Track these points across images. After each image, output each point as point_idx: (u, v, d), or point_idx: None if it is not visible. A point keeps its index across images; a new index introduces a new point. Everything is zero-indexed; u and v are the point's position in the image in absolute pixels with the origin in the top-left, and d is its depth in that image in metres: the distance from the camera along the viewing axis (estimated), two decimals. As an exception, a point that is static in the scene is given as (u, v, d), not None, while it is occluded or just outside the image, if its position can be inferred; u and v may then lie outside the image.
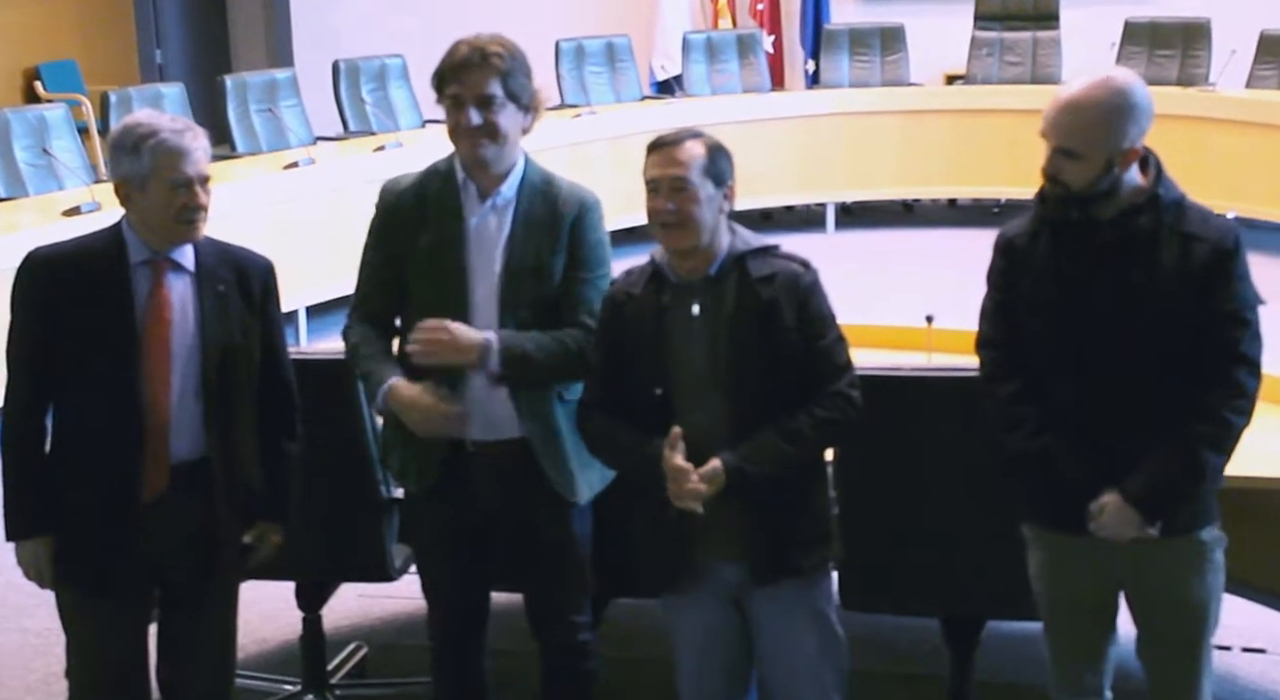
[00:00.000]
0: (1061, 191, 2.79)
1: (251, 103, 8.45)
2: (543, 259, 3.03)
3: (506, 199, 3.04)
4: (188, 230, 2.91)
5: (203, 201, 2.90)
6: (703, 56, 10.15)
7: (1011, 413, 2.86)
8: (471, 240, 3.03)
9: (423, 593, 3.28)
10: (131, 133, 2.89)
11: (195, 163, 2.88)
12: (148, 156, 2.86)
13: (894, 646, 4.09)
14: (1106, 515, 2.79)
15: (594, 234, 3.09)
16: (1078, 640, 2.99)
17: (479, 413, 3.03)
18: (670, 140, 2.89)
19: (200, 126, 2.95)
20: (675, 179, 2.85)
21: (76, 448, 2.94)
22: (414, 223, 3.06)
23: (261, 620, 4.14)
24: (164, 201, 2.88)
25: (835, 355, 2.90)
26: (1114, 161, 2.74)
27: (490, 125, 2.97)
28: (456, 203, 3.05)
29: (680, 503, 2.83)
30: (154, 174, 2.87)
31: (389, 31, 10.80)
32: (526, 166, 3.08)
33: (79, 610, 3.01)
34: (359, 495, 3.58)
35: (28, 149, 7.17)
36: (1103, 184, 2.76)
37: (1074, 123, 2.75)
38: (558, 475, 3.07)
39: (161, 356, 2.90)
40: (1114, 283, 2.76)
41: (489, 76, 2.95)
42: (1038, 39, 10.13)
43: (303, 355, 3.22)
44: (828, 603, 3.02)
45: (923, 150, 9.75)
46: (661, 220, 2.86)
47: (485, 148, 2.99)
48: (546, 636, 3.24)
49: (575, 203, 3.07)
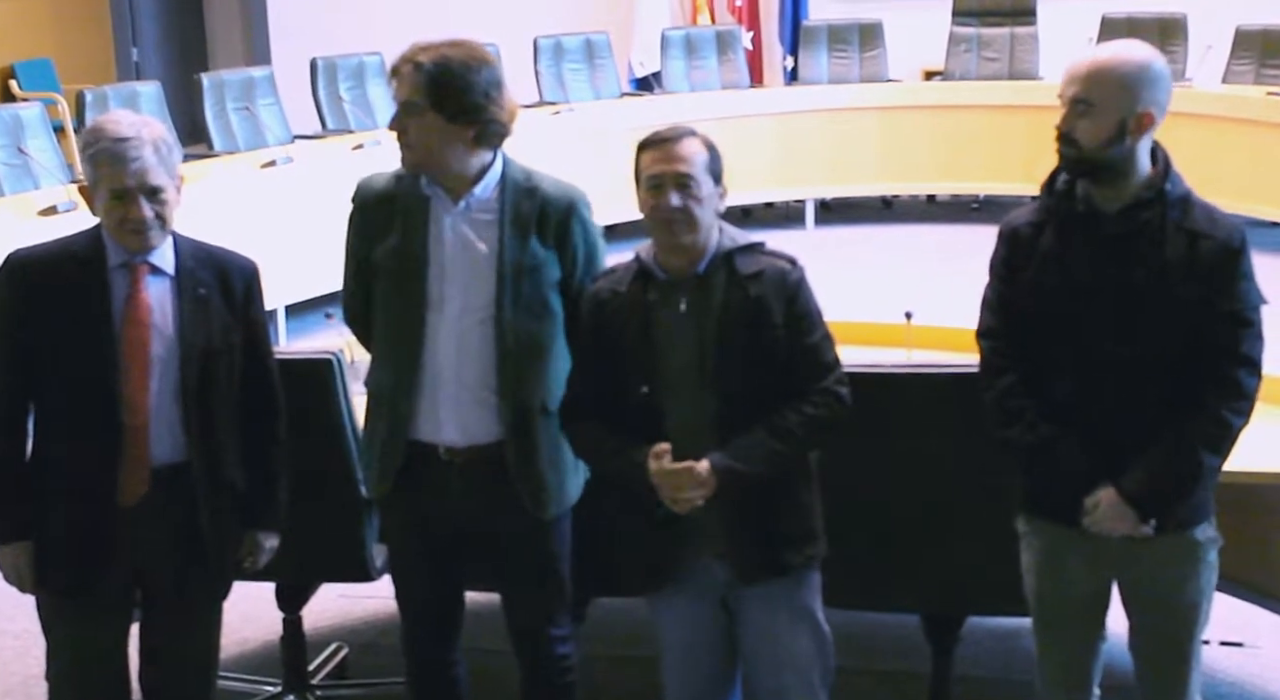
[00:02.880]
0: (1074, 152, 2.78)
1: (229, 101, 8.43)
2: (537, 257, 3.00)
3: (482, 200, 3.00)
4: (133, 239, 2.86)
5: (142, 214, 2.82)
6: (681, 53, 10.15)
7: (1010, 404, 2.85)
8: (446, 242, 3.00)
9: (395, 598, 3.24)
10: (83, 137, 2.88)
11: (136, 173, 2.81)
12: (90, 164, 2.84)
13: (875, 644, 4.09)
14: (1102, 511, 2.79)
15: (590, 232, 3.07)
16: (1068, 635, 2.98)
17: (453, 417, 3.00)
18: (670, 137, 2.86)
19: (163, 130, 2.89)
20: (681, 175, 2.83)
21: (55, 451, 2.92)
22: (383, 223, 3.04)
23: (242, 621, 4.13)
24: (108, 209, 2.85)
25: (823, 352, 2.90)
26: (1127, 124, 2.73)
27: (408, 134, 2.94)
28: (423, 205, 3.01)
29: (674, 506, 2.83)
30: (97, 183, 2.85)
31: (367, 29, 10.77)
32: (506, 166, 3.05)
33: (58, 614, 3.00)
34: (339, 495, 3.57)
35: (3, 148, 7.12)
36: (1114, 151, 2.74)
37: (1092, 74, 2.74)
38: (530, 489, 3.03)
39: (140, 360, 2.87)
40: (1117, 277, 2.76)
41: (410, 84, 2.91)
42: (1015, 34, 10.16)
43: (282, 354, 3.21)
44: (815, 600, 3.01)
45: (902, 146, 9.77)
46: (667, 217, 2.84)
47: (404, 155, 2.98)
48: (524, 650, 3.20)
49: (564, 200, 3.04)
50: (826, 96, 9.94)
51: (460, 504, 3.05)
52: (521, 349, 2.99)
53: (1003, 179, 9.49)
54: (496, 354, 2.98)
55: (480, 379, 2.99)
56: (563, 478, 3.08)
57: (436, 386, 3.00)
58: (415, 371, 3.00)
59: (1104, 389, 2.78)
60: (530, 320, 3.00)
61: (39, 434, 2.95)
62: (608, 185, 3.13)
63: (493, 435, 3.01)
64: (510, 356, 2.98)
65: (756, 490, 2.85)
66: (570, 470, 3.10)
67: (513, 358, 2.98)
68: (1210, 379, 2.75)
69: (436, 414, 3.00)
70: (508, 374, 2.99)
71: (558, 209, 3.03)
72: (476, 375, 2.99)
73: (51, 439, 2.93)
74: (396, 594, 3.24)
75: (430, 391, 3.00)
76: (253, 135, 8.43)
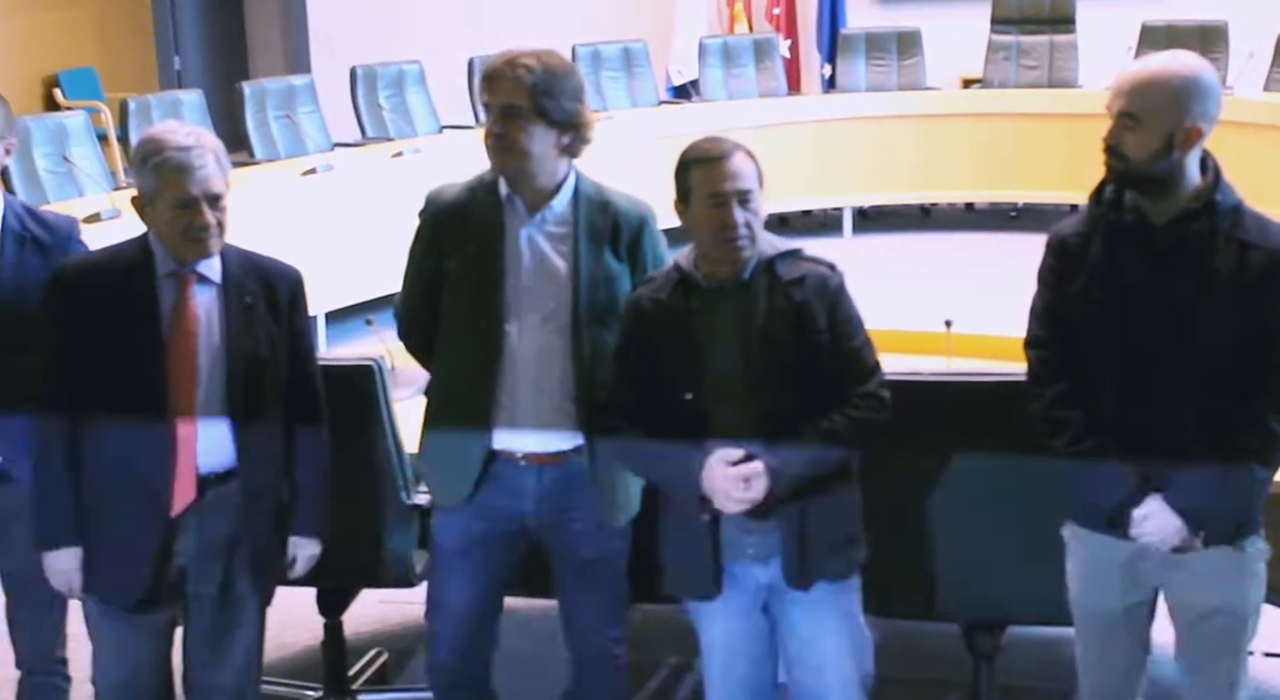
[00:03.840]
0: (1120, 165, 2.76)
1: (270, 109, 8.47)
2: (611, 269, 3.04)
3: (558, 214, 3.03)
4: (197, 248, 2.90)
5: (208, 220, 2.86)
6: (719, 61, 10.15)
7: (1058, 414, 2.84)
8: (523, 253, 3.02)
9: (425, 616, 3.23)
10: (142, 148, 2.89)
11: (200, 181, 2.85)
12: (153, 174, 2.86)
13: (914, 652, 4.08)
14: (1150, 523, 2.77)
15: (659, 246, 3.12)
16: (1112, 646, 2.96)
17: (533, 425, 3.02)
18: (722, 153, 2.87)
19: (217, 139, 2.93)
20: (744, 192, 2.85)
21: (105, 460, 2.95)
22: (456, 234, 3.06)
23: (283, 626, 4.14)
24: (170, 219, 2.87)
25: (865, 356, 2.92)
26: (1175, 138, 2.72)
27: (509, 138, 2.96)
28: (499, 217, 3.03)
29: (724, 508, 2.83)
30: (160, 192, 2.86)
31: (406, 38, 10.82)
32: (579, 180, 3.08)
33: (104, 619, 3.03)
34: (380, 501, 3.59)
35: (48, 156, 7.18)
36: (1162, 165, 2.73)
37: (1140, 87, 2.73)
38: (606, 494, 3.08)
39: (187, 368, 2.90)
40: (1166, 288, 2.74)
41: (514, 87, 2.94)
42: (1054, 42, 10.11)
43: (323, 361, 3.23)
44: (856, 605, 3.02)
45: (939, 154, 9.74)
46: (734, 234, 2.84)
47: (502, 159, 2.99)
48: (581, 647, 3.23)
49: (636, 215, 3.09)
50: (864, 104, 9.92)
51: (537, 510, 3.08)
52: (597, 358, 3.02)
53: (1042, 187, 9.46)
54: (574, 363, 3.01)
55: (559, 387, 3.02)
56: (629, 485, 3.12)
57: (515, 396, 3.02)
58: (493, 381, 3.02)
59: (1152, 399, 2.76)
60: (604, 330, 3.03)
61: (89, 442, 2.96)
62: (645, 192, 3.14)
63: (567, 443, 3.04)
64: (586, 365, 3.01)
65: (799, 494, 2.86)
66: (635, 478, 3.13)
67: (588, 366, 3.01)
68: (1261, 390, 2.73)
69: (515, 423, 3.02)
70: (584, 382, 3.01)
71: (631, 223, 3.07)
72: (555, 384, 3.01)
73: (101, 447, 2.95)
74: (430, 602, 3.22)
75: (509, 401, 3.02)
76: (293, 143, 8.48)
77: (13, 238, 3.15)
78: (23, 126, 7.13)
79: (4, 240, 3.13)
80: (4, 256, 3.12)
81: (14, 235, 3.15)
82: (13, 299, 3.10)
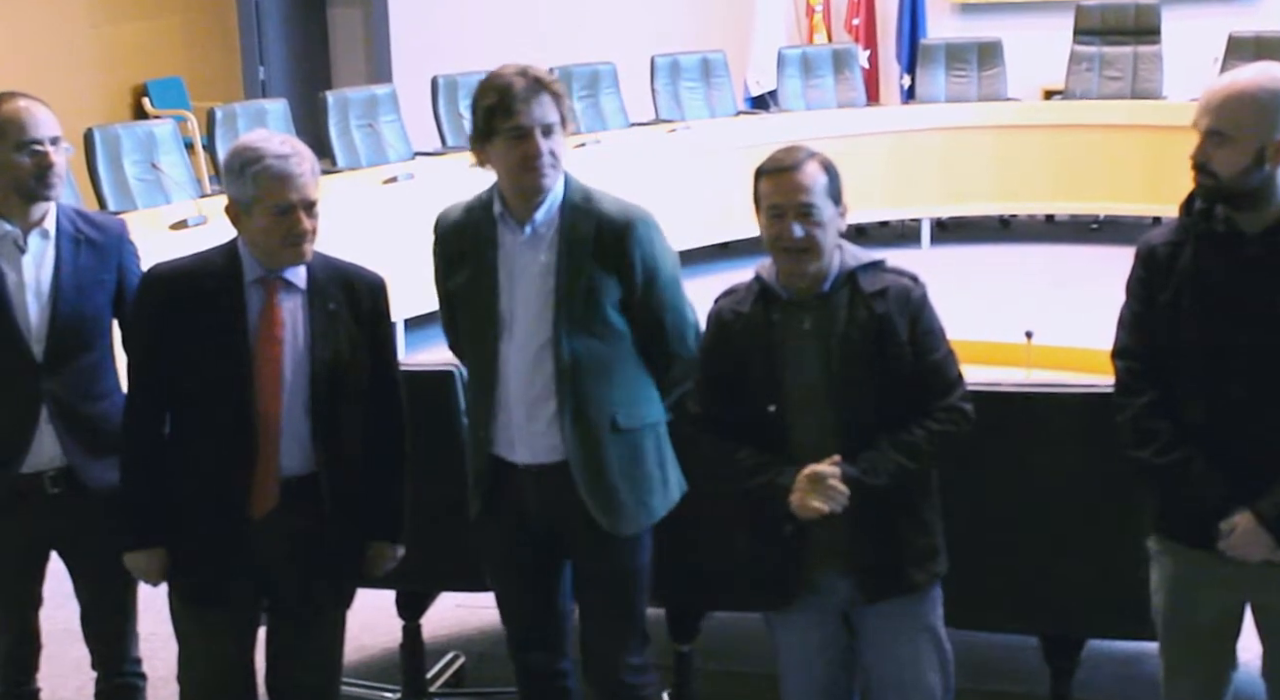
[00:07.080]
0: (1210, 182, 2.74)
1: (352, 118, 8.57)
2: (594, 278, 2.99)
3: (544, 221, 3.01)
4: (294, 254, 2.94)
5: (306, 227, 2.91)
6: (798, 71, 10.14)
7: (1145, 425, 2.81)
8: (513, 266, 3.01)
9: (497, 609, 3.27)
10: (239, 156, 2.93)
11: (299, 188, 2.90)
12: (251, 182, 2.90)
13: (992, 665, 4.05)
14: (1237, 535, 2.74)
15: (654, 252, 3.02)
16: (1197, 660, 2.93)
17: (523, 438, 3.03)
18: (789, 164, 2.86)
19: (307, 147, 2.97)
20: (803, 205, 2.83)
21: (190, 462, 3.00)
22: (458, 253, 3.09)
23: (362, 628, 4.19)
24: (268, 226, 2.91)
25: (948, 368, 2.90)
26: (1265, 153, 2.69)
27: (556, 155, 2.96)
28: (492, 233, 3.04)
29: (807, 510, 2.81)
30: (258, 199, 2.90)
31: (487, 48, 10.89)
32: (567, 187, 3.05)
33: (189, 619, 3.08)
34: (457, 505, 3.61)
35: (137, 164, 7.32)
36: (1252, 179, 2.70)
37: (1227, 104, 2.70)
38: (599, 504, 3.02)
39: (273, 374, 2.94)
40: (1256, 299, 2.71)
41: (553, 104, 2.95)
42: (1138, 53, 10.00)
43: (404, 367, 3.27)
44: (937, 618, 3.00)
45: (1020, 165, 9.66)
46: (790, 246, 2.84)
47: (544, 176, 2.96)
48: (592, 676, 3.16)
49: (622, 221, 3.01)
50: (943, 115, 9.87)
51: (540, 519, 3.08)
52: (582, 369, 2.99)
53: (1123, 199, 9.35)
54: (554, 375, 2.98)
55: (545, 400, 3.00)
56: (642, 495, 3.07)
57: (509, 410, 3.03)
58: (491, 395, 3.04)
59: (1239, 413, 2.73)
60: (590, 340, 2.99)
61: (174, 445, 3.02)
62: (723, 203, 3.16)
63: (558, 454, 3.02)
64: (567, 377, 2.98)
65: (881, 506, 2.85)
66: (655, 488, 3.09)
67: (570, 378, 2.98)
68: None
69: (510, 435, 3.04)
70: (565, 393, 2.99)
71: (613, 229, 3.00)
72: (541, 396, 3.00)
73: (185, 450, 3.01)
74: (498, 606, 3.26)
75: (504, 414, 3.04)
76: (375, 152, 8.58)
77: (68, 240, 3.21)
78: (113, 134, 7.30)
79: (60, 242, 3.20)
80: (61, 258, 3.18)
81: (68, 237, 3.21)
82: (73, 300, 3.17)
